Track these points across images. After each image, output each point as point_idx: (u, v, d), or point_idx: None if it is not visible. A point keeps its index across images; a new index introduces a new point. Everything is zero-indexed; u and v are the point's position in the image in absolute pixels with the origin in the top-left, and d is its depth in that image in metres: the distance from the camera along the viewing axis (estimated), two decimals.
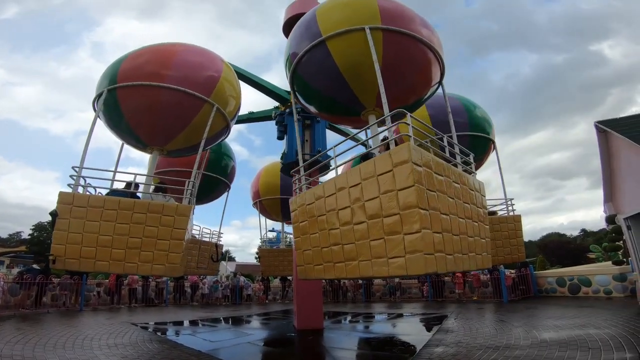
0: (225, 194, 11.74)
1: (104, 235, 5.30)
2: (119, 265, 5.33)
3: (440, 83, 6.51)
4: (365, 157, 5.10)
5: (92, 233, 5.28)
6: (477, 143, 8.85)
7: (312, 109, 7.18)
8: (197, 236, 10.90)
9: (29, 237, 40.43)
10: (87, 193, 5.67)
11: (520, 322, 7.68)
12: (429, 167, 3.99)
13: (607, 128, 7.67)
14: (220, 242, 11.32)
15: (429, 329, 7.88)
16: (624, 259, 10.94)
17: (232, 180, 11.62)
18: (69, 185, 5.58)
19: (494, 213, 9.02)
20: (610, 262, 12.06)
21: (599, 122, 7.96)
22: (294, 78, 6.55)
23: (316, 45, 5.77)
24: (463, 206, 4.50)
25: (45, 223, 36.72)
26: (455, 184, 4.46)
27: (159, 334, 8.08)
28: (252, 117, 11.73)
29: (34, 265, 12.67)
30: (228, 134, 8.32)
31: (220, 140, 8.40)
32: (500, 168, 9.32)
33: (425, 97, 6.66)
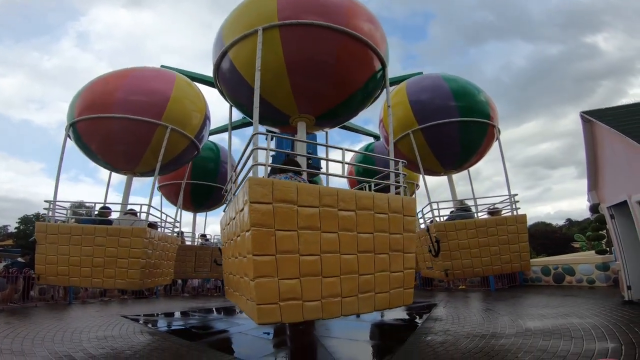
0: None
1: (73, 256, 6.07)
2: (87, 280, 6.11)
3: (383, 72, 5.73)
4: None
5: (64, 255, 6.09)
6: (471, 130, 7.67)
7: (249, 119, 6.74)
8: (202, 241, 11.60)
9: (15, 230, 39.63)
10: (58, 222, 6.46)
11: (506, 311, 7.88)
12: (288, 201, 3.35)
13: (592, 118, 7.74)
14: None
15: (418, 317, 8.04)
16: (607, 248, 11.20)
17: None
18: (42, 215, 6.45)
19: (497, 212, 7.59)
20: (593, 252, 12.35)
21: (585, 112, 8.02)
22: (222, 92, 6.17)
23: (221, 57, 5.38)
24: (357, 238, 3.74)
25: (31, 216, 36.87)
26: (346, 211, 3.68)
27: (149, 325, 8.07)
28: (245, 122, 11.74)
29: (19, 259, 12.44)
30: (198, 150, 8.13)
31: (193, 156, 8.31)
32: (503, 159, 8.02)
33: (368, 89, 5.85)
